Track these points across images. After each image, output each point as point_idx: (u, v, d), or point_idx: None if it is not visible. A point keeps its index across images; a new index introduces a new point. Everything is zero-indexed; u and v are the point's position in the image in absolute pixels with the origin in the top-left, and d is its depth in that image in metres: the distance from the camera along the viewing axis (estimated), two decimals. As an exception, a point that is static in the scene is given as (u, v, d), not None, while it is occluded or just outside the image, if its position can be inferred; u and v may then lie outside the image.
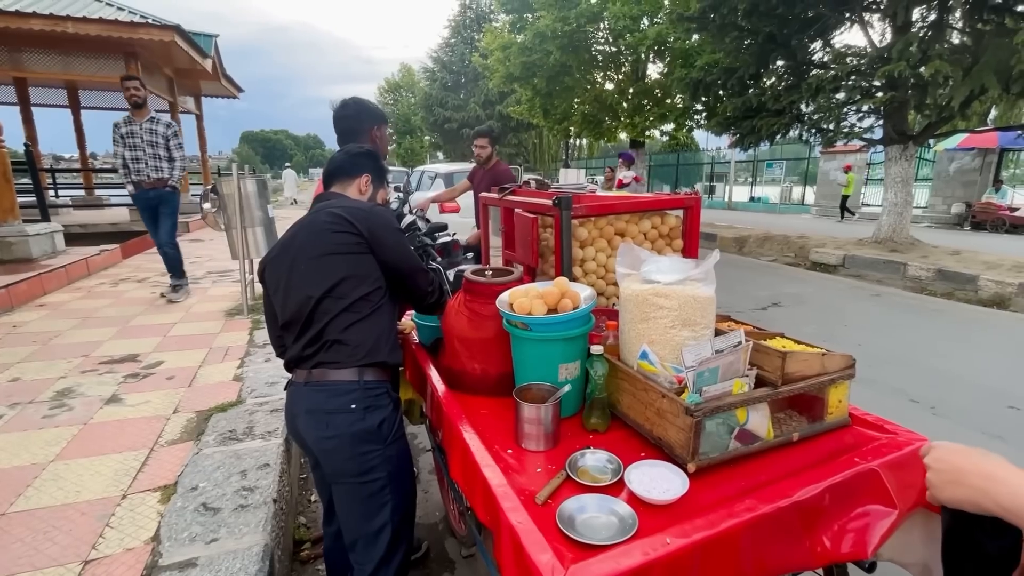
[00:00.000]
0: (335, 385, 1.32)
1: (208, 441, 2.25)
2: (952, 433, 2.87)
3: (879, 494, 1.07)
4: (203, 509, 1.78)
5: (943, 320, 5.20)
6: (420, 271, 1.48)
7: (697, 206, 1.82)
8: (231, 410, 2.56)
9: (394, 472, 1.36)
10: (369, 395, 1.34)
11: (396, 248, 1.41)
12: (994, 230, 11.84)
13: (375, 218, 1.38)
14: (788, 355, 1.17)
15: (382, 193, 1.63)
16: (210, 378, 2.98)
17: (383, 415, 1.35)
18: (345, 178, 1.53)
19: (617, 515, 0.99)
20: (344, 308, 1.33)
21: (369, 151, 1.58)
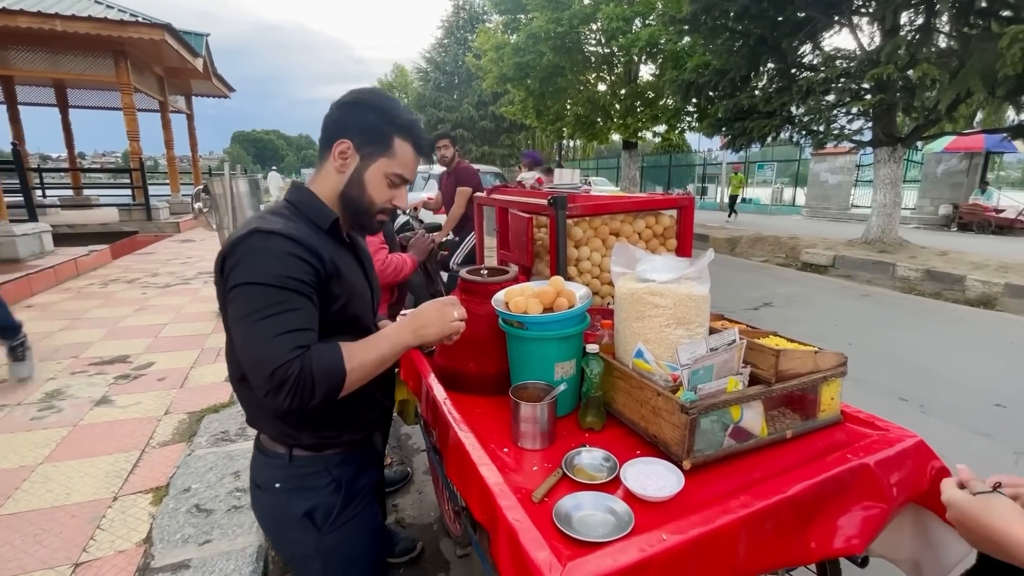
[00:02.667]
0: (266, 455, 1.06)
1: (200, 442, 2.24)
2: (941, 431, 2.91)
3: (871, 490, 1.08)
4: (196, 510, 1.77)
5: (931, 320, 5.26)
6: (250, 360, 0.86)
7: (691, 206, 1.83)
8: (223, 411, 2.54)
9: (335, 564, 1.09)
10: (296, 474, 1.04)
11: (232, 318, 0.89)
12: (980, 231, 12.02)
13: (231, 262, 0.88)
14: (782, 353, 1.18)
15: (383, 165, 1.02)
16: (202, 379, 2.96)
17: (314, 502, 1.04)
18: (322, 150, 1.03)
19: (613, 512, 0.99)
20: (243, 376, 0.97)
21: (360, 98, 1.02)
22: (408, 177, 1.07)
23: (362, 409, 1.11)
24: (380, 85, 40.52)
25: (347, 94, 1.04)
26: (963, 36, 6.50)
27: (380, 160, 1.02)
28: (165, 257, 7.22)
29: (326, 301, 0.97)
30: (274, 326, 0.86)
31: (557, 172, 2.02)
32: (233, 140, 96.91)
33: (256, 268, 0.87)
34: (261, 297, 0.86)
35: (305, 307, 0.91)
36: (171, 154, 11.47)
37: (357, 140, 1.00)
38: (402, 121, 1.02)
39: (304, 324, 0.90)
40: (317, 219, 1.01)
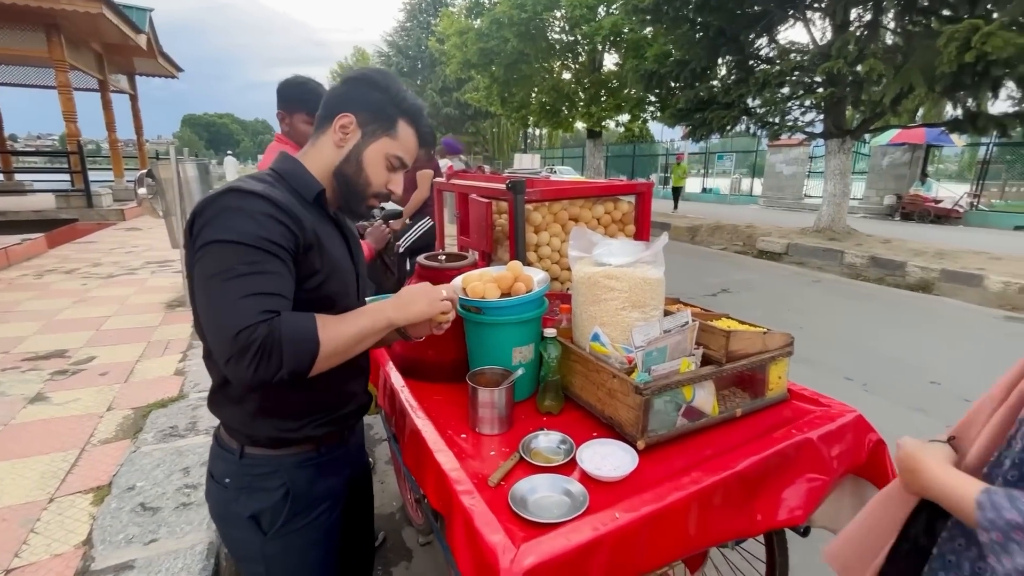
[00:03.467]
0: (220, 444, 0.99)
1: (146, 439, 2.13)
2: (882, 408, 3.08)
3: (814, 463, 1.13)
4: (141, 509, 1.69)
5: (875, 304, 5.56)
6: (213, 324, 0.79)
7: (648, 192, 1.85)
8: (172, 405, 2.43)
9: (278, 572, 1.02)
10: (247, 473, 0.96)
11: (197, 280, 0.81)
12: (921, 220, 12.73)
13: (201, 220, 0.82)
14: (732, 334, 1.21)
15: (385, 145, 0.97)
16: (148, 373, 2.82)
17: (262, 505, 0.96)
18: (321, 122, 0.97)
19: (569, 494, 1.00)
20: (207, 355, 0.92)
21: (367, 75, 0.98)
22: (407, 162, 1.01)
23: (332, 401, 1.02)
24: (340, 68, 39.28)
25: (355, 71, 0.99)
26: (907, 33, 6.81)
27: (383, 139, 0.97)
28: (108, 246, 6.82)
29: (304, 275, 0.89)
30: (243, 287, 0.78)
31: (517, 157, 2.01)
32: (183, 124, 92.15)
33: (229, 226, 0.80)
34: (232, 256, 0.79)
35: (280, 272, 0.83)
36: (113, 137, 10.80)
37: (361, 116, 0.95)
38: (409, 105, 0.98)
39: (277, 289, 0.81)
40: (302, 189, 0.94)
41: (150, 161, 3.88)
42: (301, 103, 1.76)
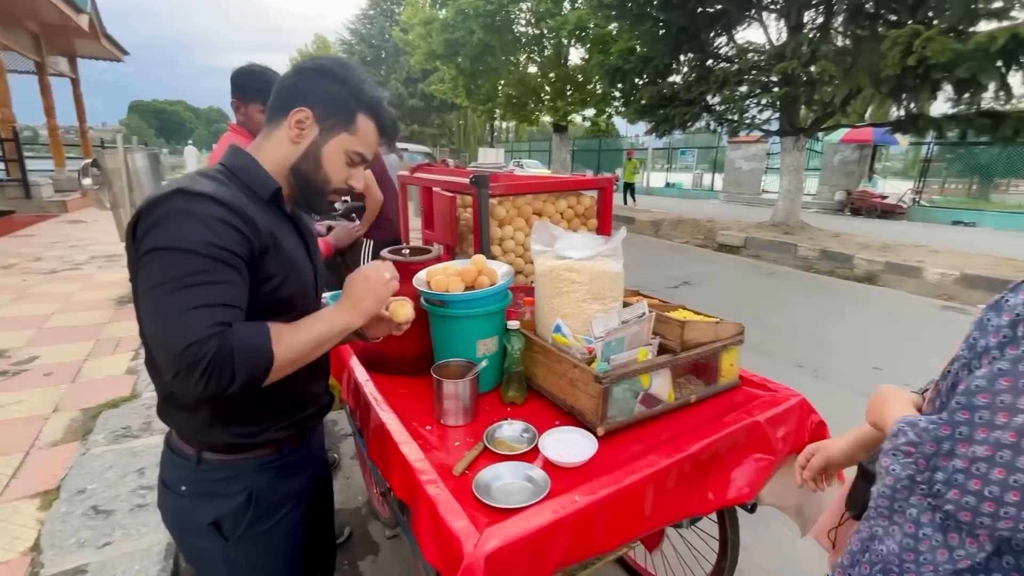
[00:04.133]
0: (172, 452, 0.95)
1: (97, 440, 2.05)
2: (830, 393, 3.26)
3: (761, 444, 1.20)
4: (93, 512, 1.63)
5: (825, 295, 5.84)
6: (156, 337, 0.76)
7: (610, 187, 1.90)
8: (124, 405, 2.34)
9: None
10: (206, 480, 0.92)
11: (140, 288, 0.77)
12: (869, 215, 13.41)
13: (144, 225, 0.77)
14: (686, 324, 1.27)
15: (343, 141, 0.93)
16: (98, 373, 2.70)
17: (223, 510, 0.93)
18: (273, 114, 0.92)
19: (531, 480, 1.03)
20: (150, 363, 0.88)
21: (324, 65, 0.92)
22: (368, 157, 0.98)
23: (292, 404, 0.99)
24: (300, 56, 38.04)
25: (310, 60, 0.94)
26: (855, 37, 7.14)
27: (341, 135, 0.92)
28: (49, 240, 6.43)
29: (258, 280, 0.85)
30: (191, 298, 0.74)
31: (481, 152, 2.02)
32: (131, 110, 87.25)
33: (176, 232, 0.75)
34: (179, 265, 0.74)
35: (232, 280, 0.79)
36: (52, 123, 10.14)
37: (318, 110, 0.90)
38: (369, 97, 0.93)
39: (228, 299, 0.78)
40: (256, 187, 0.90)
41: (95, 150, 3.69)
42: (257, 92, 1.72)
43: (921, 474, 0.60)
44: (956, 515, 0.56)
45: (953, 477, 0.56)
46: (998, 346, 0.59)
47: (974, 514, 0.55)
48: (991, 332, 0.61)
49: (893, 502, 0.63)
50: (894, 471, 0.62)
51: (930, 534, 0.59)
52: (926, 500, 0.60)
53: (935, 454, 0.59)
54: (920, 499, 0.60)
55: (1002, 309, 0.61)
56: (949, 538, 0.58)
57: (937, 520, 0.59)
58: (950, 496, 0.56)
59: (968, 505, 0.55)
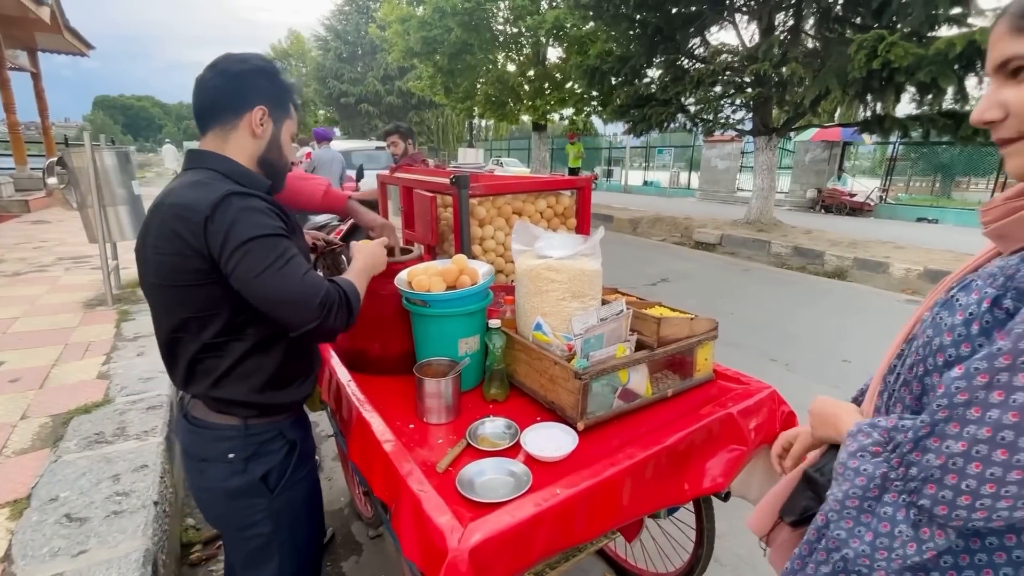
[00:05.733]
0: (212, 428, 1.09)
1: (69, 447, 2.00)
2: (801, 385, 3.37)
3: (734, 435, 1.25)
4: (67, 520, 1.59)
5: (797, 290, 6.01)
6: (291, 301, 0.96)
7: (588, 187, 1.93)
8: (97, 411, 2.28)
9: (283, 525, 1.16)
10: (253, 442, 1.10)
11: (250, 275, 0.93)
12: (838, 212, 13.81)
13: (219, 225, 0.92)
14: (662, 321, 1.31)
15: (289, 126, 1.11)
16: (67, 378, 2.62)
17: (270, 464, 1.11)
18: (224, 117, 1.03)
19: (513, 475, 1.06)
20: (204, 351, 1.02)
21: (260, 65, 1.05)
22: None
23: (310, 362, 1.20)
24: (274, 52, 37.25)
25: (236, 62, 1.05)
26: (824, 40, 7.34)
27: (287, 122, 1.11)
28: (12, 240, 6.19)
29: None
30: (297, 268, 0.97)
31: (461, 152, 2.03)
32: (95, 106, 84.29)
33: (256, 223, 0.94)
34: (275, 246, 0.95)
35: (300, 252, 1.02)
36: (12, 119, 9.73)
37: (270, 106, 1.06)
38: (292, 85, 1.12)
39: (310, 263, 1.05)
40: (254, 186, 1.04)
41: (58, 147, 3.57)
42: None
43: (895, 471, 0.61)
44: (932, 509, 0.57)
45: (929, 473, 0.57)
46: (953, 344, 0.61)
47: (950, 508, 0.56)
48: (945, 331, 0.63)
49: (863, 501, 0.63)
50: (866, 471, 0.63)
51: (904, 530, 0.60)
52: (901, 496, 0.60)
53: (910, 451, 0.59)
54: (895, 496, 0.61)
55: (954, 308, 0.64)
56: (921, 532, 0.59)
57: (911, 516, 0.59)
58: (927, 491, 0.57)
59: (945, 499, 0.56)
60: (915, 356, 0.68)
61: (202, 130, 1.06)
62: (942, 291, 0.71)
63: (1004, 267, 0.61)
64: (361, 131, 28.64)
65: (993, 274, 0.61)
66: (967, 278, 0.67)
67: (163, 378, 2.62)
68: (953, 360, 0.61)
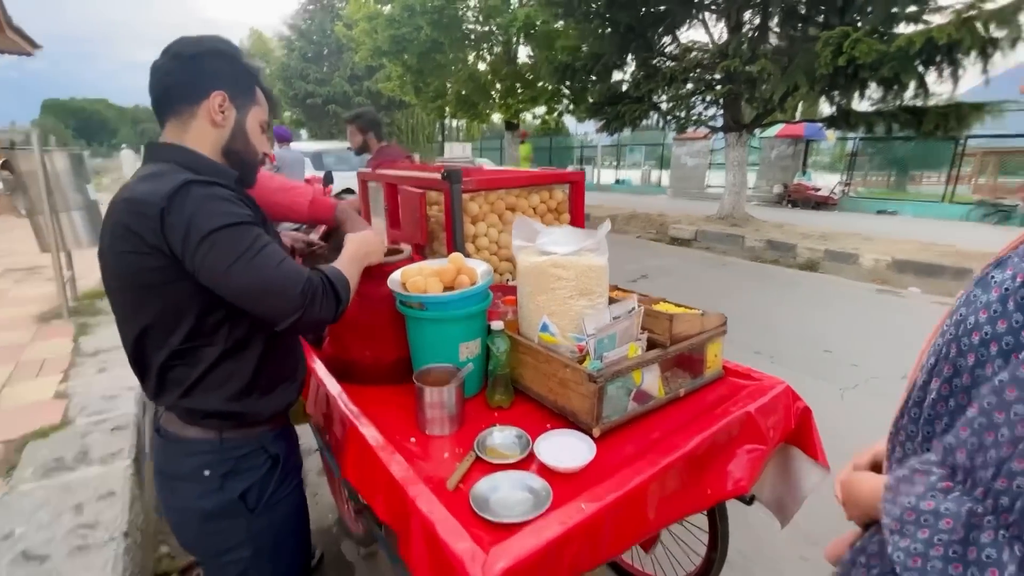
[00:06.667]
0: (185, 443, 1.00)
1: (23, 476, 1.82)
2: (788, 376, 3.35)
3: (753, 434, 1.19)
4: (23, 559, 1.44)
5: (773, 283, 6.11)
6: (269, 292, 0.88)
7: (581, 181, 1.87)
8: (55, 434, 2.09)
9: (265, 549, 1.07)
10: (230, 457, 1.00)
11: (219, 268, 0.84)
12: (804, 207, 14.22)
13: (178, 217, 0.82)
14: (675, 317, 1.24)
15: (256, 113, 1.01)
16: (21, 398, 2.41)
17: (249, 481, 1.02)
18: (180, 106, 0.94)
19: (531, 489, 0.97)
20: (173, 357, 0.93)
21: (217, 47, 0.96)
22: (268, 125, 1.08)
23: (293, 367, 1.12)
24: (236, 53, 36.13)
25: (190, 44, 0.95)
26: (791, 37, 7.51)
27: (253, 109, 1.01)
28: (-46, 253, 5.77)
29: None
30: (273, 254, 0.89)
31: (448, 146, 1.94)
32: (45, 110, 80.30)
33: (220, 212, 0.85)
34: (244, 235, 0.87)
35: (273, 241, 0.93)
36: (-47, 124, 9.11)
37: (230, 91, 0.96)
38: (256, 69, 1.02)
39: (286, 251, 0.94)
40: (219, 177, 0.93)
41: (4, 152, 3.31)
42: None
43: (982, 503, 0.51)
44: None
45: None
46: (989, 321, 0.56)
47: None
48: (981, 308, 0.58)
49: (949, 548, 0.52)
50: (948, 510, 0.53)
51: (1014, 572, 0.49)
52: (999, 533, 0.50)
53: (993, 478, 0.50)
54: (991, 535, 0.51)
55: (989, 285, 0.59)
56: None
57: (1018, 553, 0.49)
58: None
59: None
60: (947, 337, 0.63)
61: (160, 121, 0.98)
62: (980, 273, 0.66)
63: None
64: (329, 132, 28.03)
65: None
66: (1002, 257, 0.63)
67: (128, 395, 2.44)
68: (989, 338, 0.56)
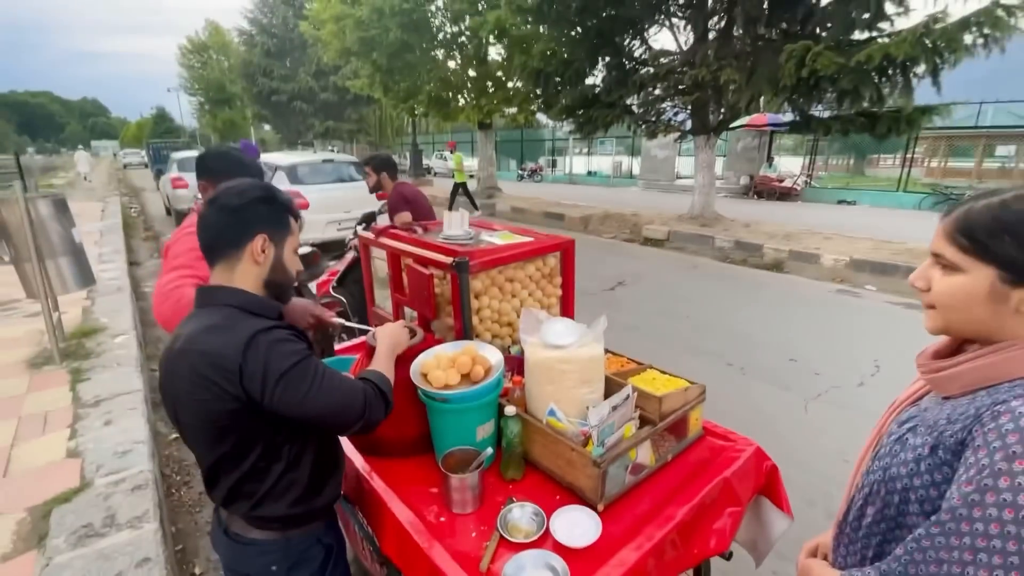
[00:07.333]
0: (252, 544, 1.16)
1: (58, 545, 1.92)
2: (755, 388, 3.68)
3: (731, 498, 1.42)
4: (79, 635, 1.56)
5: (741, 286, 6.45)
6: (338, 412, 1.09)
7: (571, 248, 2.04)
8: (77, 498, 2.18)
9: None
10: (293, 553, 1.18)
11: (294, 401, 1.02)
12: (769, 198, 14.80)
13: (254, 367, 0.99)
14: (663, 398, 1.45)
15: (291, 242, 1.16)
16: (33, 460, 2.48)
17: (310, 571, 1.21)
18: (228, 251, 1.09)
19: (551, 568, 1.16)
20: (247, 475, 1.09)
21: (256, 195, 1.10)
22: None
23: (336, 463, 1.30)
24: (191, 45, 34.78)
25: (233, 196, 1.10)
26: (755, 46, 7.80)
27: (288, 240, 1.17)
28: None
29: None
30: (332, 380, 1.09)
31: (447, 217, 2.07)
32: (-16, 106, 75.59)
33: (286, 352, 1.03)
34: (306, 371, 1.05)
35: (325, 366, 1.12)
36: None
37: (269, 231, 1.12)
38: (286, 199, 1.18)
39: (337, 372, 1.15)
40: (266, 312, 1.12)
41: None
42: (225, 174, 1.71)
43: None
44: None
45: None
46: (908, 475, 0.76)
47: None
48: (900, 464, 0.78)
49: None
50: None
51: None
52: None
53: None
54: None
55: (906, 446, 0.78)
56: None
57: None
58: None
59: None
60: (875, 476, 0.83)
61: (210, 263, 1.13)
62: (893, 423, 0.87)
63: (935, 424, 0.76)
64: (297, 130, 27.40)
65: (931, 426, 0.77)
66: (913, 418, 0.83)
67: (141, 449, 2.53)
68: (907, 488, 0.77)
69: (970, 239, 0.72)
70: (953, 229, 0.74)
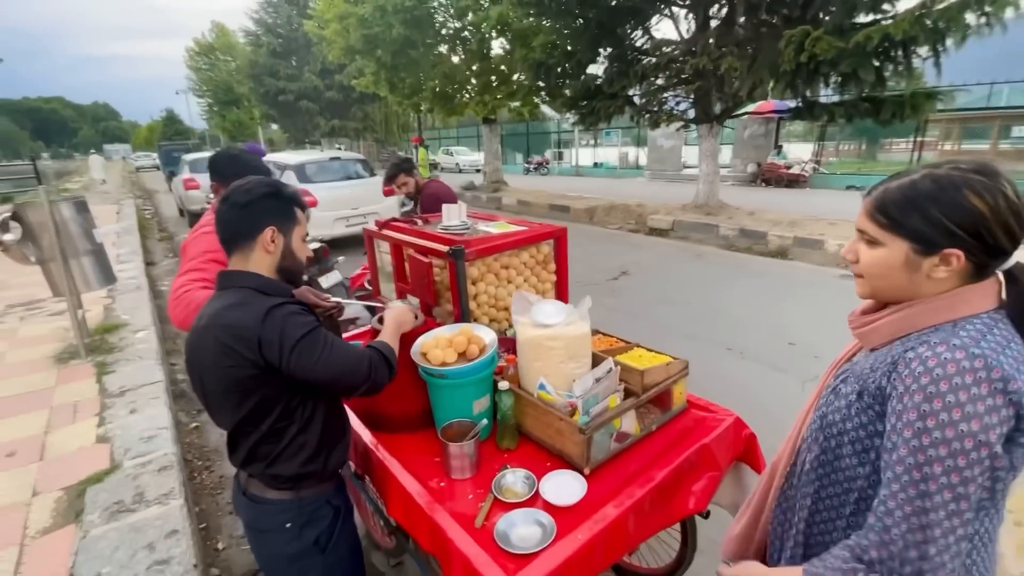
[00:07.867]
0: (268, 503, 1.29)
1: (93, 520, 2.08)
2: (754, 371, 3.76)
3: (710, 462, 1.52)
4: (116, 596, 1.72)
5: (744, 273, 6.50)
6: (347, 374, 1.21)
7: (563, 236, 2.15)
8: (109, 479, 2.35)
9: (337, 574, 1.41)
10: (305, 511, 1.31)
11: (308, 365, 1.16)
12: (776, 185, 14.71)
13: (271, 335, 1.13)
14: (645, 371, 1.56)
15: (298, 232, 1.31)
16: (66, 445, 2.65)
17: (320, 529, 1.33)
18: (242, 243, 1.23)
19: (540, 524, 1.28)
20: (264, 436, 1.23)
21: (263, 191, 1.24)
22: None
23: (343, 427, 1.42)
24: (198, 47, 35.13)
25: (242, 193, 1.23)
26: (756, 32, 7.78)
27: (295, 229, 1.31)
28: (-51, 288, 5.84)
29: None
30: (339, 348, 1.22)
31: (445, 209, 2.19)
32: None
33: (298, 324, 1.16)
34: (316, 340, 1.18)
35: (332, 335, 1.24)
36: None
37: (278, 222, 1.25)
38: (293, 192, 1.31)
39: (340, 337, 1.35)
40: (280, 293, 1.25)
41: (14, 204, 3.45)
42: (235, 176, 1.83)
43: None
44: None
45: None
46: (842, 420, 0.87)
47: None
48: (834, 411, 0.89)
49: None
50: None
51: None
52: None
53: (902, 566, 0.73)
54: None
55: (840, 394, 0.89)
56: None
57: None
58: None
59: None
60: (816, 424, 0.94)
61: (228, 254, 1.27)
62: (831, 376, 0.97)
63: (861, 374, 0.86)
64: (304, 129, 27.66)
65: (858, 375, 0.87)
66: (845, 371, 0.93)
67: (165, 434, 2.70)
68: (842, 432, 0.88)
69: (886, 216, 0.82)
70: (872, 208, 0.84)
